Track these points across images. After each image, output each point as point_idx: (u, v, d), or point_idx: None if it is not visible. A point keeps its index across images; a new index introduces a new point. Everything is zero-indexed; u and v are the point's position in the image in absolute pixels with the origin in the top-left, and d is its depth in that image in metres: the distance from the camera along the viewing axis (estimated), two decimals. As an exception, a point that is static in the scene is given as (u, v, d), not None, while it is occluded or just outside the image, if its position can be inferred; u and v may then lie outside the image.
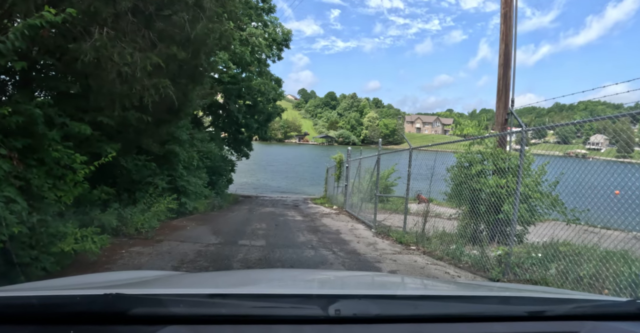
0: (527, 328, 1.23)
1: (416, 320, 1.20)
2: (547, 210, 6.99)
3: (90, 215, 6.37)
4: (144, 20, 5.37)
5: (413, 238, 8.64)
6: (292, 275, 2.45)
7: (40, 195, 4.23)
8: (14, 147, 3.98)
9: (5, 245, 3.62)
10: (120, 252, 6.15)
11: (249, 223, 10.53)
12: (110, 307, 1.03)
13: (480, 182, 7.38)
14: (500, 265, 6.03)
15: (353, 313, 1.13)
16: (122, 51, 4.47)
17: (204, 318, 1.09)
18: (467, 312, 1.29)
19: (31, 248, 4.27)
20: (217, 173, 16.52)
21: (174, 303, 1.11)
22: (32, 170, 4.16)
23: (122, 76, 4.58)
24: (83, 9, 4.19)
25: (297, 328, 1.09)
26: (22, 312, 1.06)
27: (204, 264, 5.73)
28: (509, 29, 8.83)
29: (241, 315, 1.12)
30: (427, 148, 9.55)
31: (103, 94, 4.87)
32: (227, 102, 18.20)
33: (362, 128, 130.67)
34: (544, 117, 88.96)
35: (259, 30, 17.01)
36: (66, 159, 4.53)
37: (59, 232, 4.52)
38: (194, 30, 5.27)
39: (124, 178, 8.99)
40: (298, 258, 6.44)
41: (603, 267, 5.17)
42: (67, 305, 1.08)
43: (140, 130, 7.34)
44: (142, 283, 1.78)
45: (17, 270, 4.05)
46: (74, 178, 4.63)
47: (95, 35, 4.43)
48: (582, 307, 1.40)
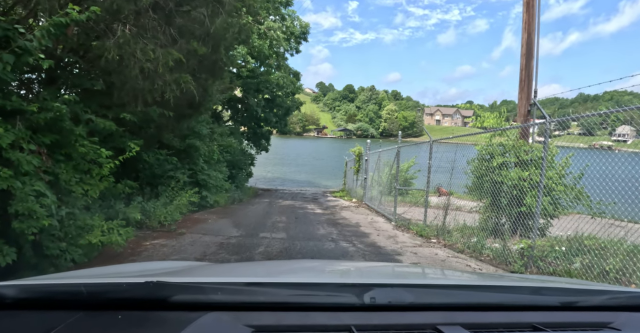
0: (560, 318, 1.23)
1: (450, 308, 1.21)
2: (571, 203, 6.87)
3: (115, 209, 6.55)
4: (164, 17, 5.43)
5: (434, 232, 8.58)
6: (321, 266, 2.47)
7: (68, 189, 4.36)
8: (43, 142, 4.10)
9: (36, 237, 3.76)
10: (144, 245, 6.30)
11: (269, 216, 10.64)
12: (153, 294, 1.08)
13: (501, 175, 7.27)
14: (523, 258, 5.95)
15: (388, 301, 1.16)
16: (144, 48, 4.54)
17: (243, 305, 1.12)
18: (500, 301, 1.29)
19: (60, 240, 4.41)
20: (237, 167, 16.69)
21: (213, 291, 1.14)
22: (60, 165, 4.29)
23: (145, 72, 4.66)
24: (106, 7, 4.26)
25: (334, 316, 1.11)
26: (71, 298, 1.10)
27: (226, 256, 5.82)
28: (532, 18, 8.61)
29: (279, 302, 1.15)
30: (447, 140, 9.43)
31: (126, 90, 4.96)
32: (246, 96, 18.31)
33: (381, 121, 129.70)
34: (568, 108, 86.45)
35: (277, 23, 17.02)
36: (92, 154, 4.65)
37: (86, 225, 4.67)
38: (213, 25, 5.31)
39: (147, 172, 9.18)
40: (319, 251, 6.49)
41: (630, 261, 5.06)
42: (113, 292, 1.13)
43: (161, 125, 7.47)
44: (175, 272, 1.82)
45: (47, 261, 4.21)
46: (99, 172, 4.76)
47: (118, 32, 4.51)
48: (617, 298, 1.38)
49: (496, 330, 1.11)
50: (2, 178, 3.31)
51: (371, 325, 1.07)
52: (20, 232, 3.49)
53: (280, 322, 1.05)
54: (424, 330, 1.07)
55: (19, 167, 3.54)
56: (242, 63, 16.83)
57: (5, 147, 3.41)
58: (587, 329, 1.16)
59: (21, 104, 3.77)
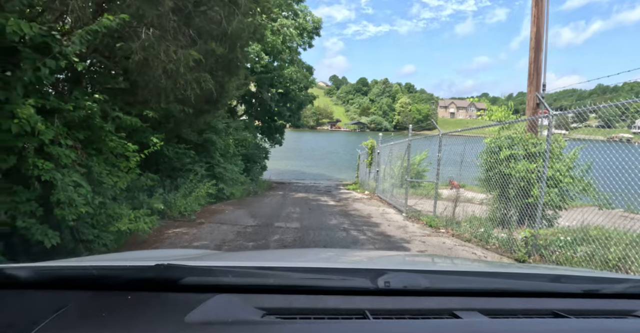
0: (582, 305, 1.21)
1: (466, 294, 1.21)
2: (578, 194, 7.05)
3: (139, 200, 6.97)
4: (183, 18, 5.77)
5: (442, 222, 8.84)
6: (334, 254, 2.48)
7: (100, 181, 4.76)
8: (77, 138, 4.50)
9: (75, 223, 4.17)
10: (167, 233, 6.73)
11: (283, 208, 11.03)
12: (162, 276, 1.09)
13: (509, 167, 7.47)
14: (527, 246, 6.18)
15: (403, 285, 1.15)
16: (167, 49, 4.89)
17: (254, 288, 1.13)
18: (519, 288, 1.28)
19: (93, 227, 4.84)
20: (252, 160, 17.11)
21: (222, 273, 1.14)
22: (93, 159, 4.69)
23: (167, 72, 5.02)
24: (131, 12, 4.61)
25: (347, 299, 1.09)
26: (81, 280, 1.13)
27: (243, 243, 6.21)
28: (541, 12, 8.73)
29: (290, 285, 1.14)
30: (456, 133, 9.63)
31: (149, 88, 5.33)
32: (259, 91, 18.68)
33: (394, 114, 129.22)
34: (586, 99, 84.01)
35: (290, 21, 17.28)
36: (120, 148, 5.06)
37: (116, 213, 5.09)
38: (230, 26, 5.64)
39: (166, 165, 9.61)
40: (331, 239, 6.83)
41: (632, 250, 5.25)
42: (123, 274, 1.14)
43: (180, 121, 7.88)
44: (188, 258, 1.85)
45: (83, 246, 4.63)
46: (127, 165, 5.17)
47: (142, 35, 4.87)
48: (639, 286, 1.37)
49: (515, 316, 1.09)
50: (45, 171, 3.71)
51: (385, 309, 1.06)
52: (62, 218, 3.89)
53: (292, 305, 1.05)
54: (441, 316, 1.06)
55: (58, 160, 3.94)
56: (256, 59, 17.16)
57: (47, 143, 3.80)
58: (611, 316, 1.14)
59: (59, 103, 4.15)
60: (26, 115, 3.50)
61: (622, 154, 5.29)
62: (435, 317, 1.04)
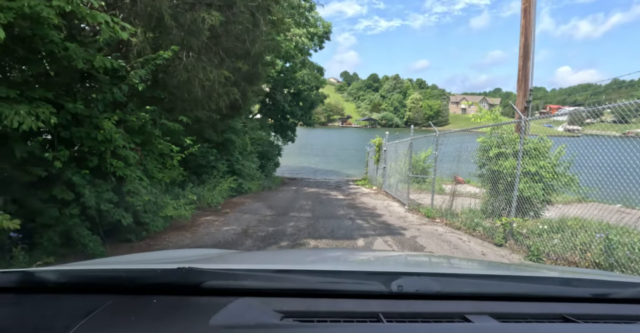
0: (592, 309, 1.22)
1: (477, 297, 1.22)
2: (562, 188, 8.03)
3: (175, 192, 8.19)
4: (214, 40, 6.94)
5: (438, 213, 9.91)
6: (346, 255, 2.57)
7: (152, 176, 5.96)
8: (135, 142, 5.69)
9: (142, 207, 5.39)
10: (200, 220, 7.99)
11: (296, 201, 12.27)
12: (185, 280, 1.12)
13: (497, 164, 8.48)
14: (504, 232, 7.23)
15: (415, 289, 1.17)
16: (204, 70, 6.05)
17: (273, 292, 1.15)
18: (529, 292, 1.30)
19: (146, 213, 6.05)
20: (266, 157, 18.26)
21: (243, 277, 1.17)
22: (147, 158, 5.89)
23: (205, 88, 6.18)
24: (177, 42, 5.78)
25: (362, 303, 1.11)
26: (108, 283, 1.17)
27: (265, 228, 7.44)
28: (529, 24, 9.65)
29: (308, 289, 1.17)
30: (454, 133, 10.64)
31: (188, 100, 6.50)
32: (273, 92, 19.82)
33: (405, 110, 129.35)
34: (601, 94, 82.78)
35: (302, 30, 18.31)
36: (166, 149, 6.25)
37: (163, 202, 6.29)
38: (253, 48, 6.78)
39: (194, 163, 10.84)
40: (338, 226, 8.00)
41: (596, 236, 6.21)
42: (148, 277, 1.18)
43: (206, 124, 9.07)
44: (208, 259, 1.94)
45: (141, 227, 5.86)
46: (171, 163, 6.36)
47: (184, 59, 6.04)
48: None
49: (525, 321, 1.11)
50: (120, 168, 4.92)
51: (398, 312, 1.08)
52: (131, 204, 5.10)
53: (309, 308, 1.07)
54: (452, 319, 1.08)
55: (126, 160, 5.14)
56: (271, 66, 18.28)
57: (120, 147, 4.99)
58: (620, 321, 1.14)
59: (124, 115, 5.34)
60: (107, 127, 4.69)
61: (600, 150, 5.73)
62: (447, 320, 1.07)
